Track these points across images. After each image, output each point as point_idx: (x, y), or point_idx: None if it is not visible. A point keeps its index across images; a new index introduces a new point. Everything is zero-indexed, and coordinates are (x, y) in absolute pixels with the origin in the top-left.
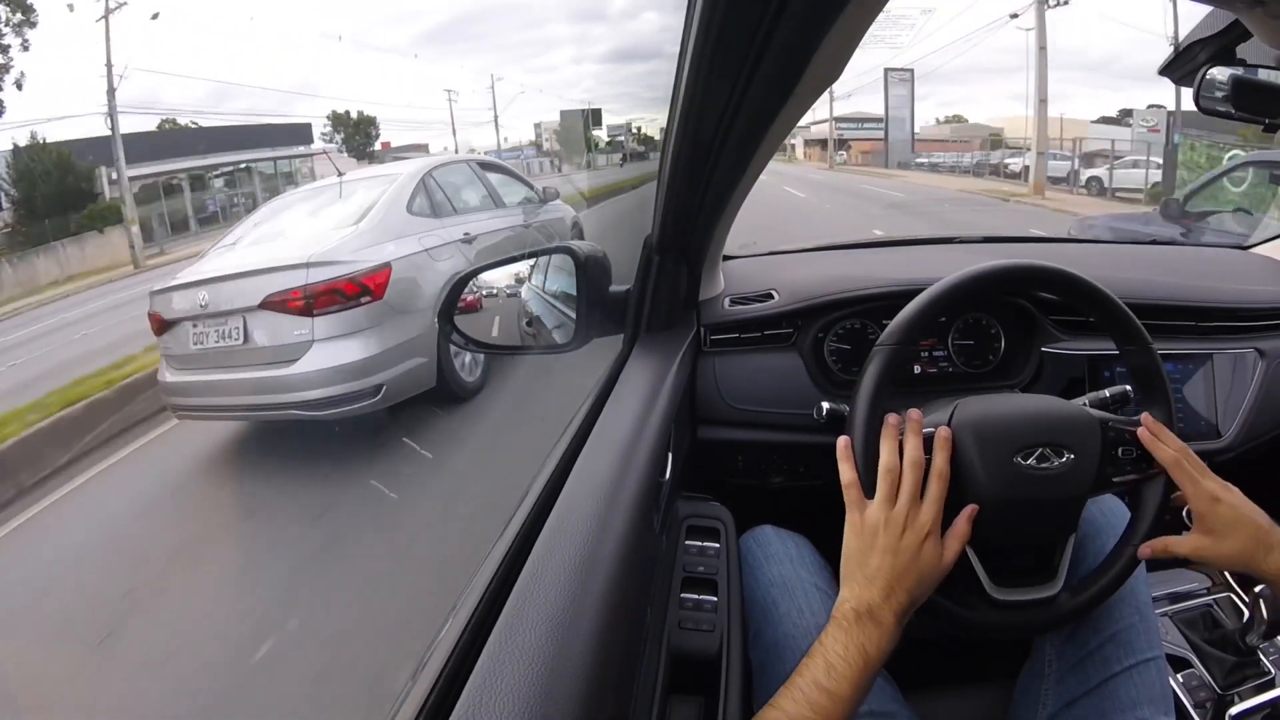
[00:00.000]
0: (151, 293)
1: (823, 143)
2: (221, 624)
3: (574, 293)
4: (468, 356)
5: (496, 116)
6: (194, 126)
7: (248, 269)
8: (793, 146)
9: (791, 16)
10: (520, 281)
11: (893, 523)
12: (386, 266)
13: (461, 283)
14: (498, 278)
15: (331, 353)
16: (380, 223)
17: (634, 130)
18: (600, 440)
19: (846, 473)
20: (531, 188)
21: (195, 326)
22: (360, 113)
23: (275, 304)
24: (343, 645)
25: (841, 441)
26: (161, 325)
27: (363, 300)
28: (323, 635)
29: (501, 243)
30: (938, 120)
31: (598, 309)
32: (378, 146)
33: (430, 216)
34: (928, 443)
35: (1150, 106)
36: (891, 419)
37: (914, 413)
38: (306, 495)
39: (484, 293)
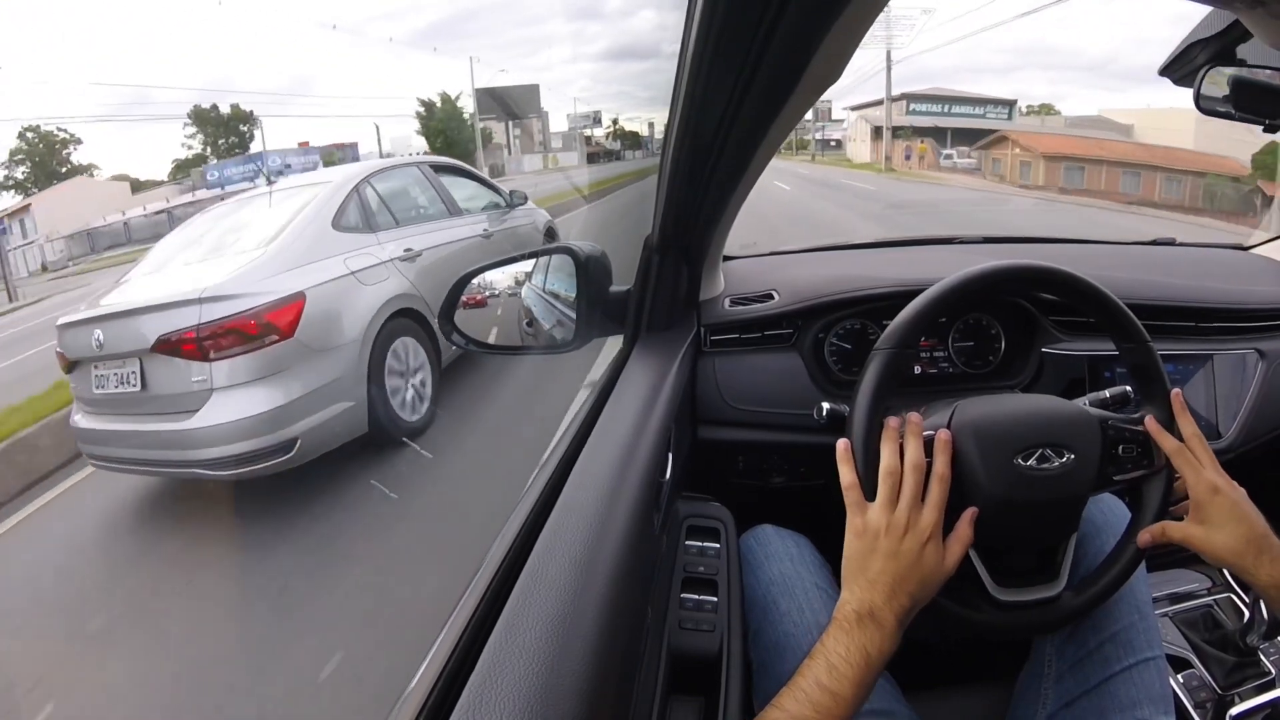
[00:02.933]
0: (57, 326)
1: (908, 133)
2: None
3: (574, 293)
4: (409, 392)
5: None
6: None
7: (140, 305)
8: (836, 143)
9: (791, 17)
10: (520, 281)
11: (894, 526)
12: (299, 298)
13: (462, 283)
14: (498, 278)
15: (234, 403)
16: (295, 243)
17: (611, 125)
18: (600, 440)
19: (847, 475)
20: (497, 191)
21: (96, 369)
22: (235, 106)
23: (168, 346)
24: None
25: (841, 444)
26: (68, 364)
27: (268, 340)
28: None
29: (453, 255)
30: (1025, 110)
31: (598, 309)
32: (263, 147)
33: (362, 232)
34: (928, 445)
35: None
36: (892, 422)
37: (914, 416)
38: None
39: (487, 293)
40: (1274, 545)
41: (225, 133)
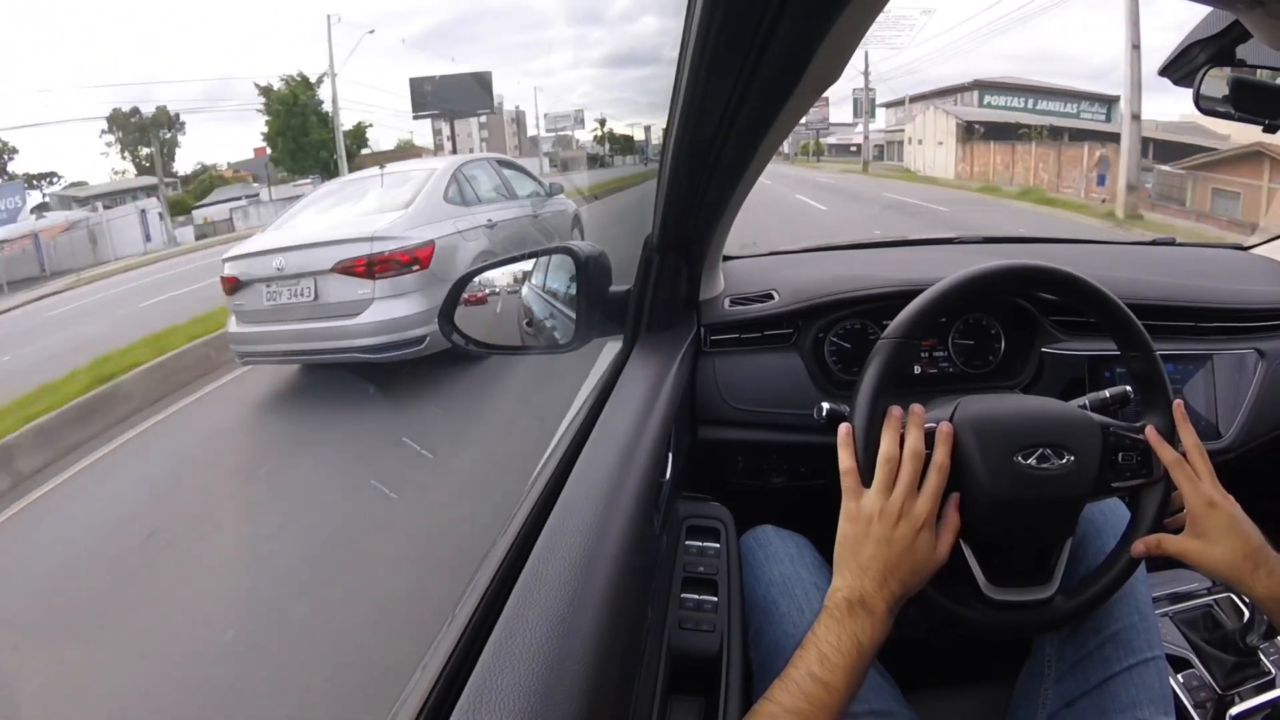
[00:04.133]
0: (225, 259)
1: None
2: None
3: (574, 293)
4: None
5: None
6: None
7: (320, 240)
8: (856, 148)
9: (791, 17)
10: (520, 281)
11: (888, 512)
12: (431, 243)
13: (461, 283)
14: (498, 277)
15: (388, 308)
16: (424, 208)
17: (598, 127)
18: (600, 440)
19: (845, 460)
20: (539, 183)
21: (269, 286)
22: (161, 109)
23: (344, 268)
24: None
25: (843, 428)
26: (235, 285)
27: (413, 268)
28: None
29: (516, 230)
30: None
31: (598, 309)
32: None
33: (460, 205)
34: (929, 437)
35: None
36: (895, 411)
37: (917, 407)
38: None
39: (488, 291)
40: (1270, 558)
41: (143, 138)
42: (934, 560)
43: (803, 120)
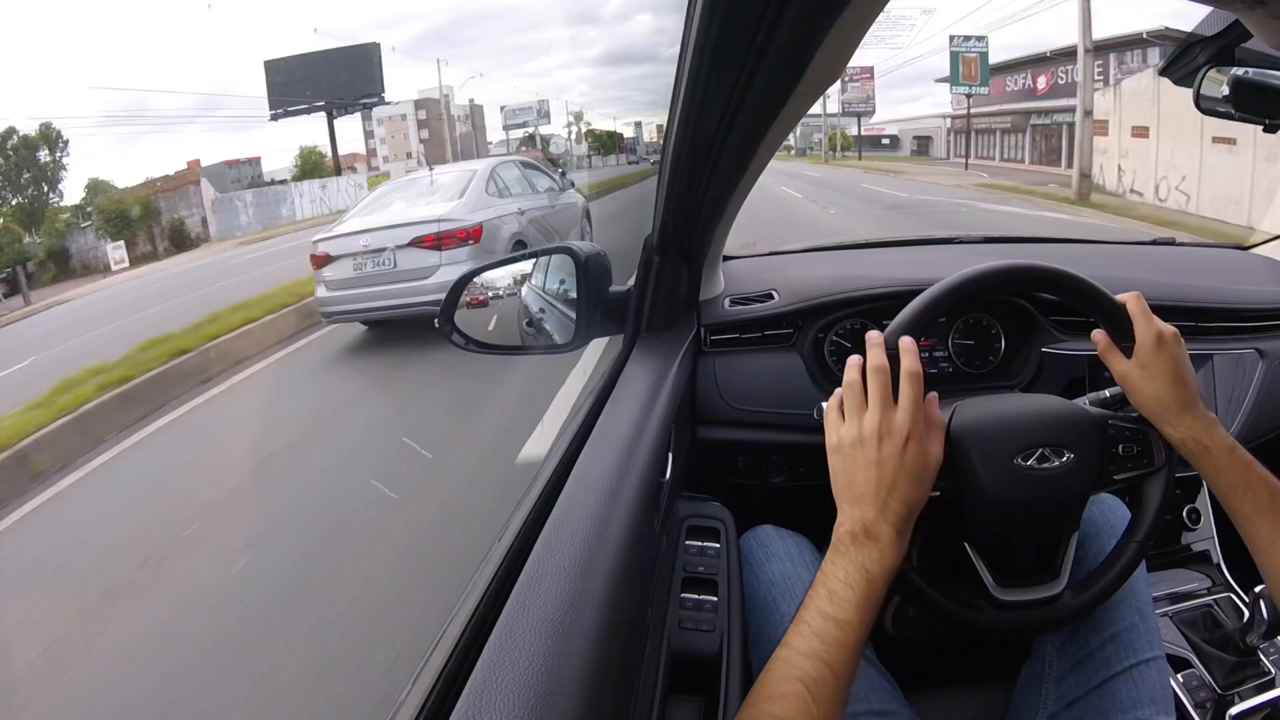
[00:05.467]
0: (315, 240)
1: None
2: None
3: (574, 293)
4: None
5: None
6: None
7: (398, 223)
8: (889, 140)
9: (791, 16)
10: (520, 281)
11: (867, 435)
12: (480, 225)
13: (461, 284)
14: (498, 277)
15: (451, 271)
16: (472, 198)
17: (573, 121)
18: (600, 440)
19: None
20: (555, 180)
21: (355, 259)
22: (45, 126)
23: (418, 242)
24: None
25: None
26: (324, 260)
27: (469, 243)
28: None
29: (539, 217)
30: None
31: (598, 309)
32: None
33: (497, 197)
34: (894, 357)
35: None
36: (853, 358)
37: (873, 334)
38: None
39: (490, 294)
40: (1200, 410)
41: (18, 164)
42: (930, 467)
43: (830, 105)
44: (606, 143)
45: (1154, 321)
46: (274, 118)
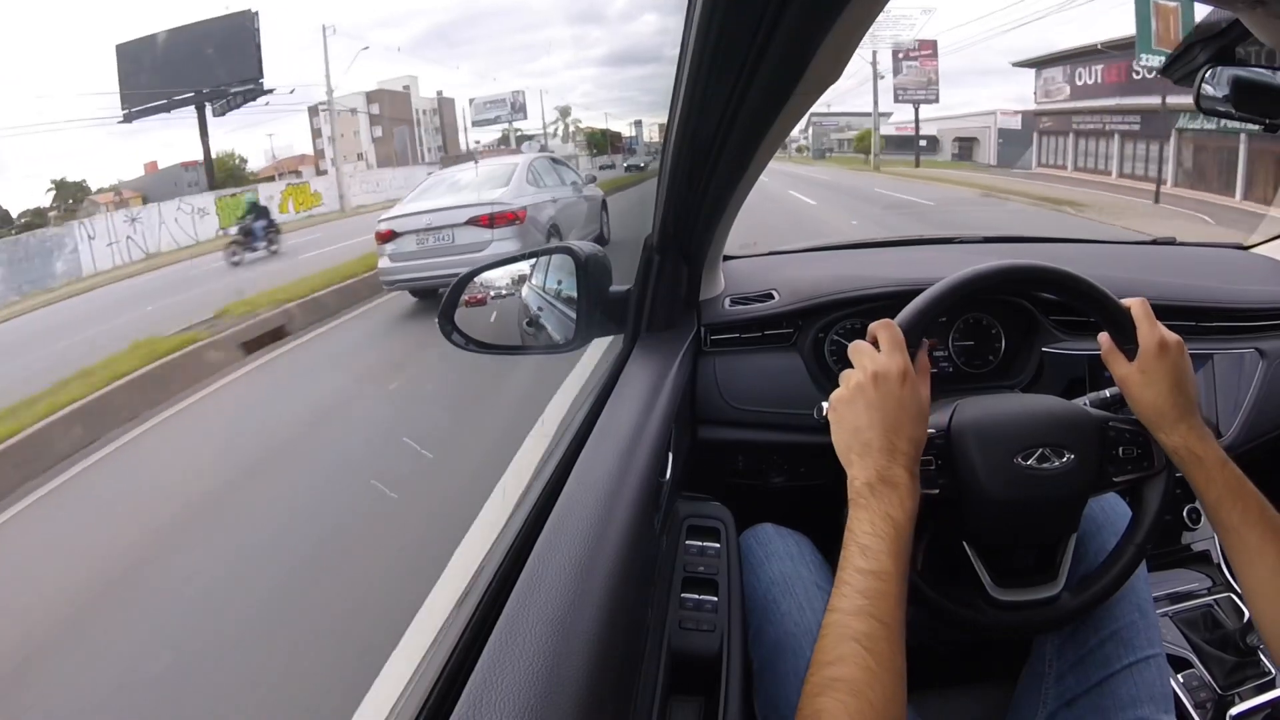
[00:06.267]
0: (380, 219)
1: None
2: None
3: (574, 293)
4: None
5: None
6: None
7: (457, 204)
8: (927, 141)
9: (791, 17)
10: (519, 281)
11: (862, 383)
12: (525, 208)
13: (461, 283)
14: (498, 277)
15: (500, 246)
16: (517, 186)
17: (560, 118)
18: (600, 440)
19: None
20: (578, 175)
21: (417, 235)
22: None
23: (474, 221)
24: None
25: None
26: (389, 236)
27: (515, 223)
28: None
29: (566, 205)
30: None
31: (598, 309)
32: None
33: (535, 186)
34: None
35: None
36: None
37: (875, 325)
38: None
39: (491, 293)
40: (1197, 420)
41: None
42: (925, 405)
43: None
44: (600, 142)
45: (1158, 328)
46: (127, 119)
